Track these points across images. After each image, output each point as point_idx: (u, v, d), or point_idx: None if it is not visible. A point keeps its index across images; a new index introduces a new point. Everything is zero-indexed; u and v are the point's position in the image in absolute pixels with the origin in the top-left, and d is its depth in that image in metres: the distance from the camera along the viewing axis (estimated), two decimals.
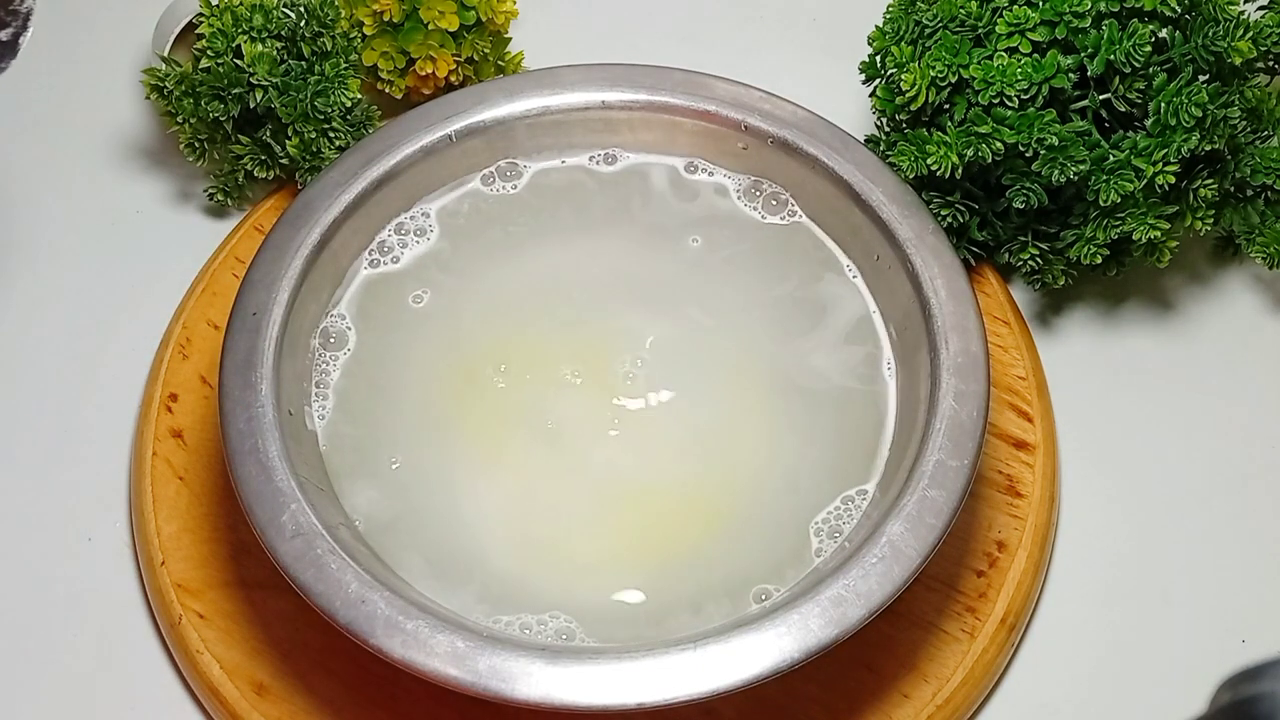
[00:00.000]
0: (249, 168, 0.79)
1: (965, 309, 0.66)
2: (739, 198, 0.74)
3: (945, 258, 0.68)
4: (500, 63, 0.83)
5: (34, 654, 0.69)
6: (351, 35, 0.79)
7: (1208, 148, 0.70)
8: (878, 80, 0.74)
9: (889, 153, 0.73)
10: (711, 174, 0.74)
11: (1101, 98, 0.71)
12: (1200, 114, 0.68)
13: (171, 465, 0.72)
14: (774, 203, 0.73)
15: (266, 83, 0.76)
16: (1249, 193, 0.76)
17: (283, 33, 0.76)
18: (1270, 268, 0.75)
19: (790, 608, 0.59)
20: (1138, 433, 0.75)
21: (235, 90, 0.76)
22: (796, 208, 0.73)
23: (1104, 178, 0.69)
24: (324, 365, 0.69)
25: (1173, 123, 0.69)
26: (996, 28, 0.71)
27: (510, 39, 0.83)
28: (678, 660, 0.58)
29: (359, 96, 0.78)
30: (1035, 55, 0.70)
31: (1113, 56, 0.69)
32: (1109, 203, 0.69)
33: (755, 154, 0.73)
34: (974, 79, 0.70)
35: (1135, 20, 0.69)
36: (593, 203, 0.74)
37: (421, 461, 0.67)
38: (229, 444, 0.63)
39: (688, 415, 0.69)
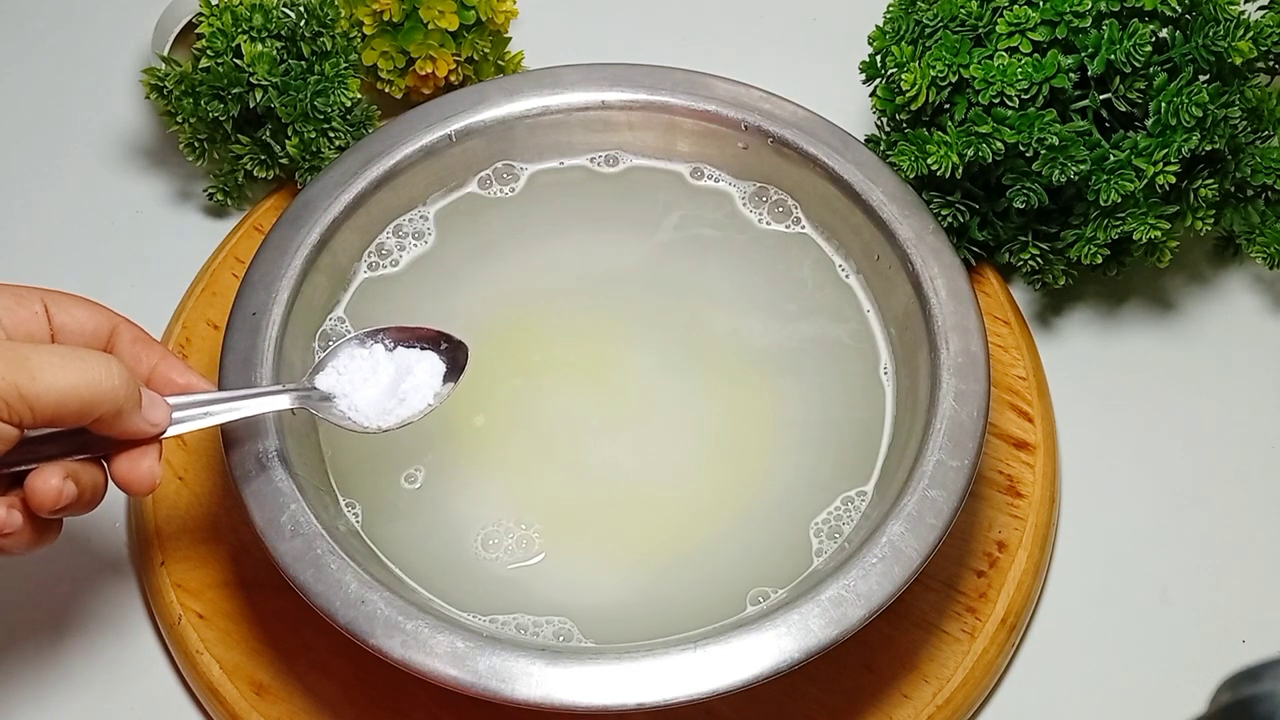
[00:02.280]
0: (249, 167, 0.79)
1: (965, 309, 0.66)
2: (744, 204, 0.74)
3: (945, 258, 0.68)
4: (500, 63, 0.83)
5: (34, 654, 0.69)
6: (351, 35, 0.79)
7: (1208, 148, 0.70)
8: (878, 80, 0.74)
9: (889, 153, 0.73)
10: (716, 180, 0.74)
11: (1102, 98, 0.71)
12: (1200, 114, 0.68)
13: (171, 465, 0.72)
14: (779, 210, 0.73)
15: (266, 82, 0.75)
16: (1249, 193, 0.76)
17: (283, 32, 0.76)
18: (1270, 268, 0.75)
19: (790, 608, 0.59)
20: (1138, 433, 0.75)
21: (235, 90, 0.76)
22: (800, 215, 0.73)
23: (1104, 178, 0.69)
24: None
25: (1173, 123, 0.69)
26: (997, 27, 0.71)
27: (510, 39, 0.83)
28: (678, 660, 0.58)
29: (359, 96, 0.78)
30: (1036, 55, 0.70)
31: (1113, 56, 0.69)
32: (1109, 203, 0.69)
33: (755, 154, 0.73)
34: (974, 79, 0.70)
35: (1136, 20, 0.69)
36: (592, 206, 0.74)
37: (421, 461, 0.67)
38: (229, 444, 0.63)
39: (687, 417, 0.69)
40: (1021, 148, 0.70)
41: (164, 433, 0.58)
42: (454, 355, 0.65)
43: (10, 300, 0.57)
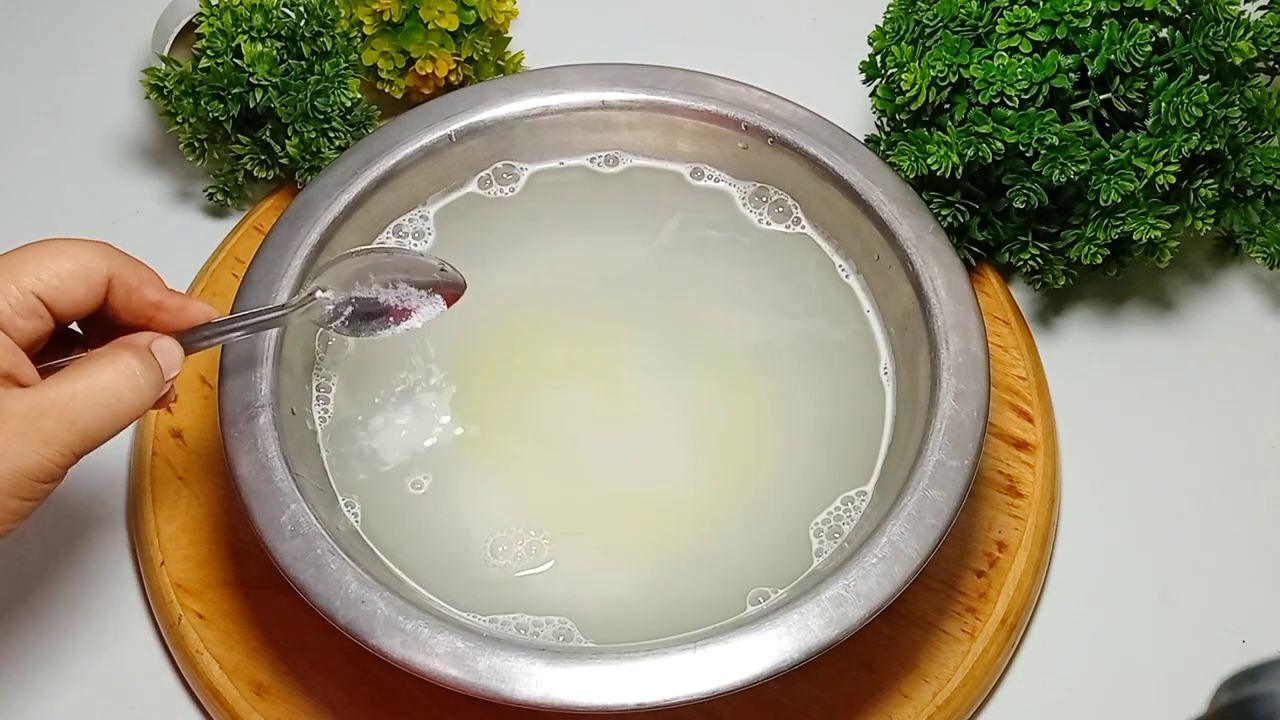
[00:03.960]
0: (249, 168, 0.79)
1: (965, 309, 0.66)
2: (744, 204, 0.74)
3: (945, 258, 0.68)
4: (500, 63, 0.83)
5: (34, 654, 0.69)
6: (351, 35, 0.79)
7: (1208, 148, 0.70)
8: (878, 80, 0.74)
9: (889, 153, 0.73)
10: (716, 180, 0.74)
11: (1102, 98, 0.71)
12: (1200, 114, 0.68)
13: (171, 465, 0.72)
14: (779, 210, 0.73)
15: (266, 82, 0.75)
16: (1249, 193, 0.76)
17: (283, 32, 0.76)
18: (1270, 268, 0.75)
19: (790, 608, 0.59)
20: (1138, 432, 0.75)
21: (235, 90, 0.76)
22: (800, 215, 0.73)
23: (1104, 178, 0.69)
24: (325, 367, 0.69)
25: (1173, 123, 0.69)
26: (997, 27, 0.71)
27: (510, 39, 0.83)
28: (678, 660, 0.58)
29: (359, 96, 0.78)
30: (1036, 55, 0.70)
31: (1113, 56, 0.69)
32: (1109, 203, 0.69)
33: (755, 154, 0.73)
34: (974, 79, 0.70)
35: (1136, 20, 0.69)
36: (592, 206, 0.74)
37: (421, 461, 0.67)
38: (229, 444, 0.63)
39: (688, 418, 0.69)
40: (1021, 148, 0.70)
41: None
42: (450, 279, 0.66)
43: None
